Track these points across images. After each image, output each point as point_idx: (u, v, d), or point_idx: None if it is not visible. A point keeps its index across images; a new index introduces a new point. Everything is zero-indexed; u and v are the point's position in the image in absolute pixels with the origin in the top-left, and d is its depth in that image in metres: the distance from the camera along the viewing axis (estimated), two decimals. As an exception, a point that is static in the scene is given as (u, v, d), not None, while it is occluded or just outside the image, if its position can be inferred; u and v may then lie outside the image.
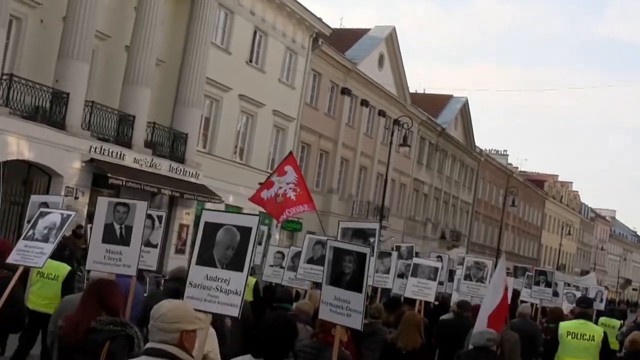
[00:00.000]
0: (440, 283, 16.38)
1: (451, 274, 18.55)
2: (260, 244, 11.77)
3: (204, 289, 5.89)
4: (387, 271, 14.32)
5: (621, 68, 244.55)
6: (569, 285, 27.21)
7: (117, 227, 7.60)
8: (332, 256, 7.00)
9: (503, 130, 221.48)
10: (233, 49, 30.99)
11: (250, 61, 32.66)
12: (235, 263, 5.84)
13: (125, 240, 7.56)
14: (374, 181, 45.41)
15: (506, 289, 10.11)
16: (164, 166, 26.02)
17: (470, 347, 8.43)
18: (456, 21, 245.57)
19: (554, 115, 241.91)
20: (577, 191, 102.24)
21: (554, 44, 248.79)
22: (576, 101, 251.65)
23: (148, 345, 4.35)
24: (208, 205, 29.34)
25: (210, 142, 30.80)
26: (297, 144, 36.93)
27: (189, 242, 27.31)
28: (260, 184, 17.72)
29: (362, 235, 9.59)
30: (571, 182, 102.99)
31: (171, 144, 27.10)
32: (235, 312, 5.77)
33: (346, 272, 6.84)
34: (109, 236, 7.59)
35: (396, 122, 37.43)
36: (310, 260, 11.47)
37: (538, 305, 16.64)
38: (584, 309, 10.63)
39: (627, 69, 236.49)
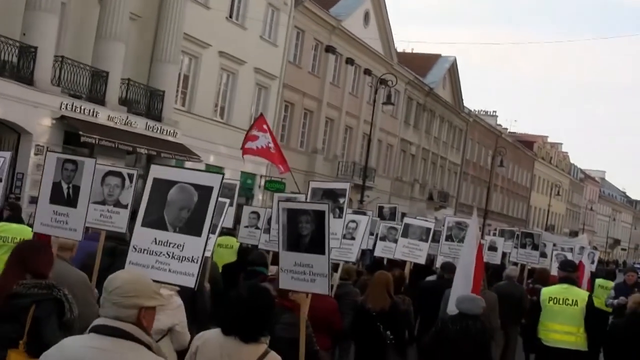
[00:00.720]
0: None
1: (435, 235, 18.00)
2: (232, 205, 11.09)
3: (151, 255, 5.37)
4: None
5: (613, 29, 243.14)
6: (555, 245, 26.67)
7: (64, 186, 6.96)
8: (287, 219, 6.39)
9: (493, 92, 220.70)
10: (212, 4, 30.03)
11: (230, 17, 31.74)
12: (192, 226, 5.28)
13: (72, 201, 6.89)
14: (359, 141, 44.71)
15: (480, 246, 9.55)
16: (139, 124, 25.25)
17: (455, 311, 7.87)
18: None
19: (544, 77, 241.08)
20: (566, 152, 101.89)
21: (549, 8, 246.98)
22: (566, 63, 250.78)
23: (98, 321, 3.65)
24: (187, 164, 28.75)
25: (190, 100, 30.01)
26: (280, 103, 36.17)
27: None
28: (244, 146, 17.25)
29: (332, 195, 8.93)
30: (561, 143, 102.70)
31: (148, 101, 26.31)
32: (191, 283, 5.24)
33: (304, 233, 6.25)
34: (56, 196, 6.97)
35: (381, 80, 36.59)
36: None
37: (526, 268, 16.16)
38: (568, 273, 10.03)
39: (618, 30, 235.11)
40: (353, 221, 10.48)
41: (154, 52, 26.88)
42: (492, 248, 17.06)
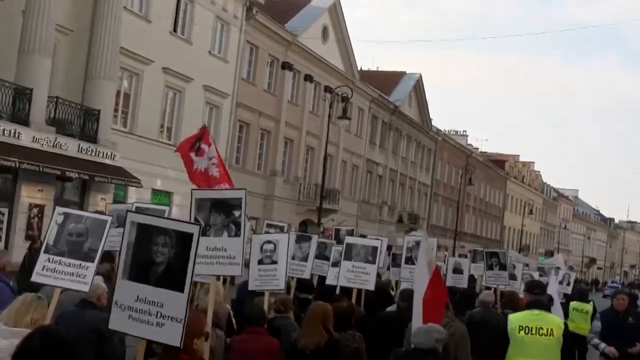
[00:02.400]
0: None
1: (397, 258, 16.00)
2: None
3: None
4: (306, 258, 11.99)
5: (582, 51, 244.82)
6: (527, 266, 24.74)
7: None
8: (136, 236, 4.71)
9: (463, 113, 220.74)
10: (153, 17, 27.99)
11: (175, 31, 29.70)
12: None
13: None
14: (322, 162, 42.56)
15: (437, 268, 8.04)
16: (71, 146, 23.02)
17: (412, 346, 6.86)
18: (416, 10, 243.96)
19: (516, 97, 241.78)
20: (538, 171, 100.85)
21: (516, 29, 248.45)
22: (537, 83, 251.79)
23: None
24: (131, 190, 26.64)
25: (131, 120, 27.82)
26: (234, 123, 34.07)
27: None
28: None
29: (223, 206, 7.00)
30: (533, 162, 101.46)
31: (82, 122, 24.10)
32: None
33: (157, 260, 4.67)
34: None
35: (331, 90, 34.60)
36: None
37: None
38: (536, 295, 8.14)
39: (587, 52, 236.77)
40: (269, 242, 9.19)
41: (88, 68, 24.77)
42: (458, 270, 15.50)
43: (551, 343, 7.58)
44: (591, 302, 19.69)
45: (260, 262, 9.15)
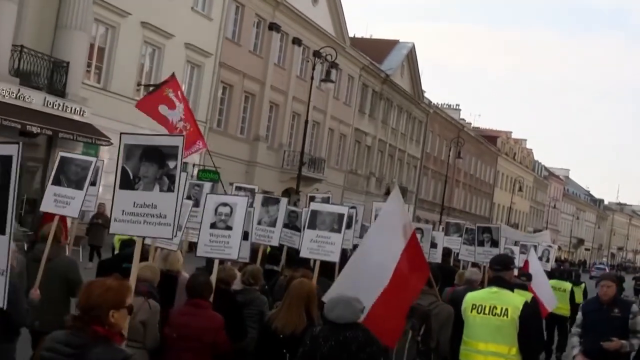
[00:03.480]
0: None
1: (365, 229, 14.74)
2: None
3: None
4: (274, 223, 10.87)
5: (580, 29, 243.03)
6: (516, 243, 23.57)
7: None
8: None
9: (458, 87, 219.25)
10: (132, -32, 26.47)
11: (155, -16, 28.17)
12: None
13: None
14: (308, 130, 41.17)
15: (414, 235, 7.02)
16: (36, 99, 21.65)
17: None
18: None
19: (511, 74, 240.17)
20: (530, 149, 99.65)
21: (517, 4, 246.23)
22: (533, 60, 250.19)
23: None
24: (103, 150, 25.24)
25: (106, 76, 26.40)
26: (217, 84, 32.65)
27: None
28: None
29: (156, 155, 5.76)
30: (525, 140, 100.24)
31: (50, 74, 22.67)
32: None
33: None
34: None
35: (318, 54, 33.15)
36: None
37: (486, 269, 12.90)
38: (497, 272, 6.99)
39: (585, 30, 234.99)
40: (225, 204, 7.97)
41: (59, 17, 23.28)
42: (432, 245, 14.27)
43: (504, 324, 6.48)
44: (583, 285, 18.65)
45: (213, 225, 7.92)
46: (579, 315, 8.62)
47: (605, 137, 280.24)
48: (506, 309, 6.52)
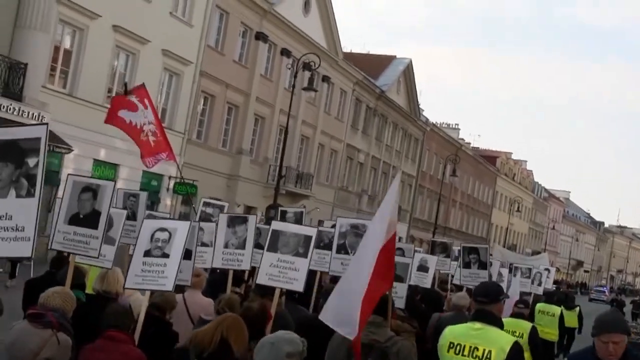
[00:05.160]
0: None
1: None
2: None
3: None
4: (242, 245, 9.36)
5: (583, 52, 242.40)
6: (511, 265, 21.90)
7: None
8: None
9: (460, 107, 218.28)
10: (104, -33, 24.89)
11: (129, -16, 26.59)
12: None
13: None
14: (296, 144, 39.59)
15: (394, 235, 5.83)
16: (-13, 103, 19.98)
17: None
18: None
19: (513, 96, 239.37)
20: (531, 170, 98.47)
21: (517, 27, 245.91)
22: (534, 83, 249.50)
23: None
24: (67, 159, 23.71)
25: (72, 80, 24.76)
26: (197, 93, 31.02)
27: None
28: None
29: (12, 152, 5.13)
30: (525, 161, 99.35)
31: (6, 76, 21.05)
32: None
33: None
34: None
35: (306, 65, 31.53)
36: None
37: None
38: (481, 304, 5.48)
39: (587, 54, 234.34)
40: (163, 229, 6.79)
41: (18, 16, 21.72)
42: (423, 268, 12.95)
43: None
44: (577, 308, 17.19)
45: (147, 253, 6.71)
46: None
47: (606, 160, 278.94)
48: (489, 351, 5.17)
